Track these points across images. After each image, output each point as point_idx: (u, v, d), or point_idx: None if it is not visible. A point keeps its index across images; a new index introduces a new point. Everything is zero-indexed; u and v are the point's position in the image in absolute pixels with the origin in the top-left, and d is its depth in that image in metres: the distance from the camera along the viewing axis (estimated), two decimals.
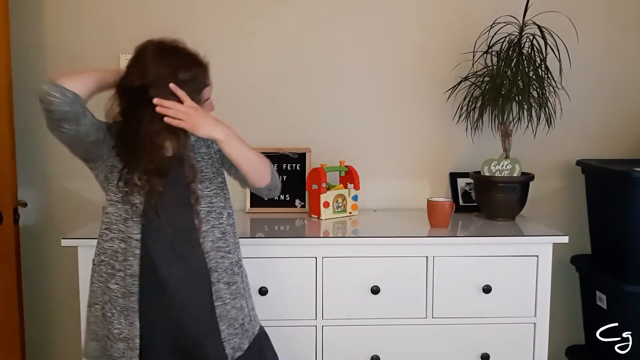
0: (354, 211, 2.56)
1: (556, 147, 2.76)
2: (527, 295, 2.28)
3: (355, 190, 2.55)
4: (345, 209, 2.53)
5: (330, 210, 2.48)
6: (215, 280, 1.72)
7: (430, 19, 2.71)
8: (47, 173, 2.67)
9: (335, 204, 2.50)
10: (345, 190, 2.54)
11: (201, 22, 2.65)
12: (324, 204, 2.46)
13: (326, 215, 2.47)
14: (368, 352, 2.27)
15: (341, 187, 2.54)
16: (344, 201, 2.53)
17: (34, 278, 2.69)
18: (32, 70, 2.62)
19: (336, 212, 2.51)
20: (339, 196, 2.51)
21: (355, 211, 2.56)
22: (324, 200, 2.46)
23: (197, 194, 1.70)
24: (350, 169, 2.56)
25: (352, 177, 2.54)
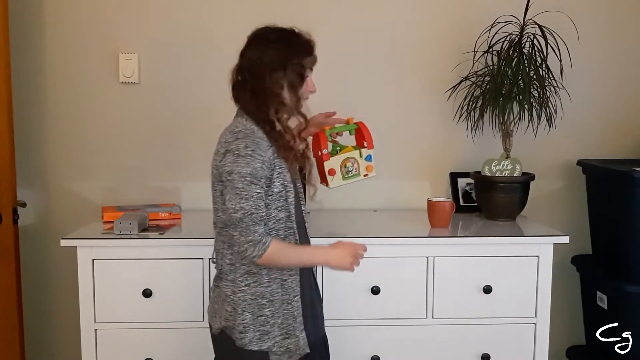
0: (370, 173, 2.19)
1: (557, 147, 2.75)
2: (528, 295, 2.27)
3: (369, 149, 2.18)
4: (358, 172, 2.18)
5: (339, 177, 2.16)
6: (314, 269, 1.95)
7: (430, 18, 2.70)
8: (47, 173, 2.67)
9: (345, 169, 2.16)
10: (355, 152, 2.17)
11: (201, 22, 2.65)
12: (329, 171, 2.13)
13: (335, 183, 2.15)
14: (368, 352, 2.26)
15: (350, 150, 2.17)
16: (355, 164, 2.17)
17: (33, 278, 2.69)
18: (31, 71, 2.62)
19: (347, 177, 2.17)
20: (346, 160, 2.16)
21: (372, 172, 2.19)
22: (329, 167, 2.13)
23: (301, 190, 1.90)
24: (361, 125, 2.18)
25: (363, 135, 2.18)
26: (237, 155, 1.67)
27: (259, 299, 1.76)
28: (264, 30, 1.79)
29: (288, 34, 1.77)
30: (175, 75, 2.65)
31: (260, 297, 1.76)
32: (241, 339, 1.75)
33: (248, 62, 1.76)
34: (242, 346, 1.75)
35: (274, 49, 1.74)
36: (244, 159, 1.67)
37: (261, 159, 1.68)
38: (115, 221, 2.21)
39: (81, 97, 2.64)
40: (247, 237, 1.67)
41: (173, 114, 2.67)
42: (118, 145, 2.67)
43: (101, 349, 2.20)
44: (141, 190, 2.67)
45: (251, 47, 1.78)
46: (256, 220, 1.68)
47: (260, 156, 1.68)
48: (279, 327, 1.77)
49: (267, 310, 1.76)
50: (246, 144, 1.68)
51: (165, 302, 2.19)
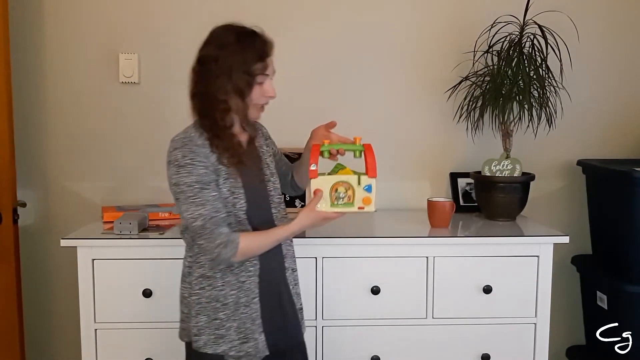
0: (367, 206, 1.79)
1: (557, 147, 2.75)
2: (528, 295, 2.27)
3: (370, 177, 1.78)
4: (352, 202, 1.79)
5: (325, 202, 1.77)
6: (288, 266, 1.85)
7: (430, 18, 2.70)
8: (47, 173, 2.67)
9: (335, 194, 1.78)
10: (352, 176, 1.78)
11: (202, 22, 2.64)
12: (314, 192, 1.77)
13: (320, 207, 1.78)
14: (368, 352, 2.26)
15: (348, 172, 1.79)
16: (349, 191, 1.79)
17: (33, 278, 2.69)
18: (31, 70, 2.62)
19: (336, 205, 1.78)
20: (339, 184, 1.78)
21: (370, 206, 1.80)
22: (315, 187, 1.76)
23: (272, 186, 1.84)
24: (366, 148, 1.83)
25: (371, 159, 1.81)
26: (178, 166, 1.67)
27: (213, 302, 1.73)
28: (221, 30, 1.74)
29: (241, 37, 1.70)
30: (175, 75, 2.63)
31: (214, 301, 1.73)
32: (196, 341, 1.75)
33: (198, 64, 1.73)
34: (197, 349, 1.75)
35: (223, 54, 1.68)
36: (184, 168, 1.66)
37: (203, 164, 1.67)
38: (115, 221, 2.21)
39: (81, 97, 2.64)
40: (214, 242, 1.64)
41: (173, 114, 2.66)
42: (118, 145, 2.67)
43: (101, 349, 2.20)
44: (141, 190, 2.67)
45: (204, 47, 1.73)
46: (218, 222, 1.65)
47: (201, 162, 1.67)
48: (236, 330, 1.73)
49: (222, 314, 1.73)
50: (183, 154, 1.67)
51: (165, 302, 2.19)
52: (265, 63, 1.71)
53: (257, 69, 1.69)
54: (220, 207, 1.67)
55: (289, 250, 1.87)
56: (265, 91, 1.73)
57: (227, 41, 1.69)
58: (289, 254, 1.87)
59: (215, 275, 1.73)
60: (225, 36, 1.71)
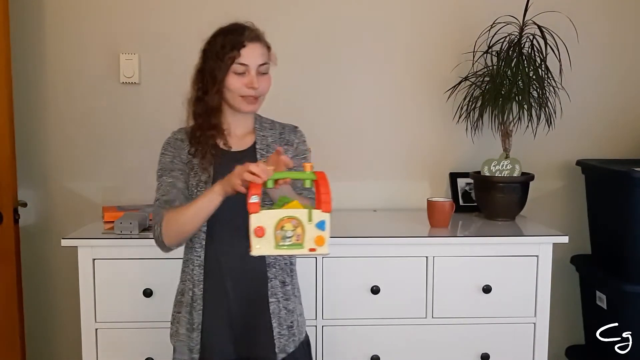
0: (320, 248, 1.49)
1: (556, 147, 2.76)
2: (527, 295, 2.28)
3: (324, 212, 1.49)
4: (301, 243, 1.48)
5: (268, 243, 1.47)
6: (272, 277, 1.73)
7: (430, 18, 2.71)
8: (47, 173, 2.68)
9: (281, 233, 1.47)
10: (302, 211, 1.48)
11: (202, 22, 2.64)
12: (255, 230, 1.46)
13: (260, 250, 1.48)
14: (368, 352, 2.27)
15: (296, 206, 1.49)
16: (298, 229, 1.48)
17: (34, 278, 2.69)
18: (32, 71, 2.62)
19: (281, 246, 1.48)
20: (286, 219, 1.47)
21: (323, 248, 1.50)
22: (256, 225, 1.46)
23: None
24: (319, 176, 1.51)
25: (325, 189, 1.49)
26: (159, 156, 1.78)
27: (179, 296, 1.81)
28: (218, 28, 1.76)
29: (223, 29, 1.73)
30: (175, 75, 2.64)
31: (179, 294, 1.81)
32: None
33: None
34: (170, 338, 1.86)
35: (206, 47, 1.73)
36: (159, 158, 1.77)
37: (171, 154, 1.74)
38: (116, 221, 2.21)
39: (82, 97, 2.65)
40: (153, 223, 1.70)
41: (173, 114, 2.66)
42: (119, 145, 2.67)
43: (101, 349, 2.20)
44: (142, 190, 2.66)
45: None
46: (161, 204, 1.69)
47: (170, 152, 1.75)
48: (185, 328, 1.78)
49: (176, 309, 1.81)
50: (163, 145, 1.78)
51: (165, 302, 2.19)
52: (240, 52, 1.68)
53: (229, 57, 1.67)
54: (171, 190, 1.69)
55: (279, 261, 1.75)
56: (247, 82, 1.68)
57: (212, 35, 1.74)
58: (278, 265, 1.75)
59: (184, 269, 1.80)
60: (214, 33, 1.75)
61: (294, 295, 1.81)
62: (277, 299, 1.74)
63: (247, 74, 1.69)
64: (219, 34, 1.72)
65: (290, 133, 1.83)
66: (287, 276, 1.78)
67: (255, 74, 1.69)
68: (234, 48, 1.67)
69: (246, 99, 1.71)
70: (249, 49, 1.69)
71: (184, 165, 1.72)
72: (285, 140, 1.81)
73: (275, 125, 1.84)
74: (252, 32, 1.72)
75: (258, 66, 1.70)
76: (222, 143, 1.75)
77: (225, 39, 1.69)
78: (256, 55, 1.70)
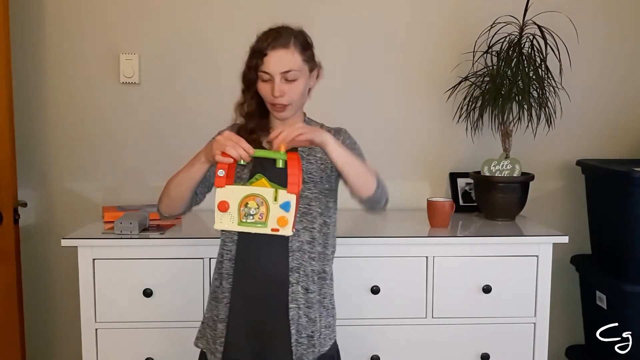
0: (283, 228, 1.51)
1: (556, 147, 2.76)
2: (527, 295, 2.28)
3: (289, 193, 1.49)
4: (264, 221, 1.50)
5: (231, 218, 1.50)
6: (294, 282, 1.70)
7: (430, 18, 2.71)
8: (47, 173, 2.68)
9: (245, 210, 1.50)
10: (268, 190, 1.50)
11: (202, 22, 2.65)
12: (219, 205, 1.50)
13: (222, 225, 1.52)
14: (368, 352, 2.27)
15: (263, 184, 1.52)
16: (262, 208, 1.50)
17: (34, 278, 2.69)
18: (32, 70, 2.62)
19: (244, 223, 1.51)
20: (250, 197, 1.50)
21: (286, 229, 1.51)
22: (220, 199, 1.50)
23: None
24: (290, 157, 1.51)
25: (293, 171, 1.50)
26: None
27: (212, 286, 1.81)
28: None
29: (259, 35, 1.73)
30: (175, 75, 2.66)
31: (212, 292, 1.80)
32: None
33: None
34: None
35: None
36: None
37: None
38: (116, 221, 2.21)
39: (82, 97, 2.65)
40: None
41: (173, 114, 2.68)
42: (118, 145, 2.67)
43: (101, 349, 2.20)
44: (142, 190, 2.67)
45: None
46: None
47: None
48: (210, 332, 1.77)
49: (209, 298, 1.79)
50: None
51: (165, 302, 2.19)
52: (262, 61, 1.66)
53: (254, 66, 1.68)
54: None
55: (304, 267, 1.71)
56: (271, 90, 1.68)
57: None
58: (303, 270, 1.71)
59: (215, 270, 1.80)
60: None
61: (321, 305, 1.76)
62: (297, 305, 1.70)
63: (272, 82, 1.68)
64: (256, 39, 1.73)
65: (335, 135, 1.79)
66: (313, 284, 1.73)
67: (280, 81, 1.67)
68: (256, 57, 1.67)
69: (274, 107, 1.71)
70: (271, 57, 1.66)
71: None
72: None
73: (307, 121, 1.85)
74: (278, 39, 1.68)
75: (281, 74, 1.67)
76: (265, 142, 1.75)
77: (254, 46, 1.70)
78: (279, 63, 1.66)
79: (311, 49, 1.76)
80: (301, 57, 1.70)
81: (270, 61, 1.66)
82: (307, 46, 1.74)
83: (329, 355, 1.78)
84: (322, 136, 1.57)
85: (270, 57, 1.66)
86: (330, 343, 1.80)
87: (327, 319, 1.78)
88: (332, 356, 1.81)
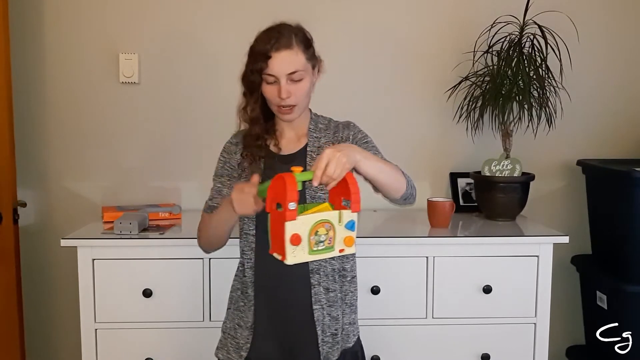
0: (348, 248, 1.49)
1: (557, 147, 2.75)
2: (528, 295, 2.27)
3: (352, 212, 1.47)
4: (332, 245, 1.46)
5: (303, 249, 1.43)
6: (316, 283, 1.69)
7: (430, 18, 2.70)
8: (47, 173, 2.67)
9: (315, 238, 1.44)
10: (332, 213, 1.46)
11: (202, 22, 2.65)
12: (291, 238, 1.41)
13: (296, 258, 1.43)
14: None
15: (326, 208, 1.47)
16: (330, 232, 1.46)
17: (33, 278, 2.69)
18: (31, 70, 2.62)
19: (315, 251, 1.45)
20: (320, 224, 1.44)
21: (352, 248, 1.49)
22: (292, 232, 1.40)
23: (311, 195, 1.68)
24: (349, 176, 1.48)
25: (348, 190, 1.46)
26: None
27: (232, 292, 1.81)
28: None
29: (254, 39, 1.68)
30: (175, 75, 2.65)
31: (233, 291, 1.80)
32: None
33: None
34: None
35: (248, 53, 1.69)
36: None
37: (224, 159, 1.78)
38: (116, 221, 2.21)
39: (81, 97, 2.64)
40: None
41: (173, 114, 2.67)
42: (118, 145, 2.67)
43: (101, 349, 2.20)
44: (141, 190, 2.67)
45: None
46: (206, 209, 1.77)
47: (223, 158, 1.78)
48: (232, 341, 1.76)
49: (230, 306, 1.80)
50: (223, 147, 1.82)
51: (165, 302, 2.19)
52: (267, 63, 1.62)
53: (257, 70, 1.63)
54: (216, 198, 1.75)
55: (324, 267, 1.70)
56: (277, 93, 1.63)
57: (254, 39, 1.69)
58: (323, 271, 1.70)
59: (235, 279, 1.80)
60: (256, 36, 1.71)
61: (344, 302, 1.75)
62: (321, 305, 1.70)
63: (277, 84, 1.64)
64: (255, 40, 1.67)
65: (344, 129, 1.79)
66: (334, 283, 1.72)
67: (287, 83, 1.63)
68: (260, 60, 1.62)
69: (280, 109, 1.67)
70: (275, 59, 1.62)
71: (232, 170, 1.75)
72: (339, 138, 1.77)
73: (330, 125, 1.81)
74: (280, 40, 1.63)
75: (287, 75, 1.63)
76: (272, 144, 1.74)
77: (253, 49, 1.65)
78: (284, 64, 1.62)
79: (312, 46, 1.72)
80: (304, 56, 1.66)
81: (275, 63, 1.62)
82: (308, 43, 1.70)
83: (352, 350, 1.79)
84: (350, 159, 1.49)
85: (275, 59, 1.62)
86: (354, 339, 1.80)
87: (350, 315, 1.77)
88: (356, 352, 1.81)
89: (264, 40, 1.63)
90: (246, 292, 1.72)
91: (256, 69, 1.63)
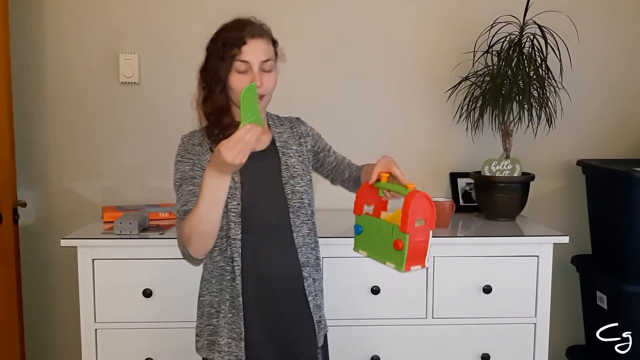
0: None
1: (557, 147, 2.75)
2: (528, 295, 2.27)
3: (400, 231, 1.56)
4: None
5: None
6: (307, 276, 1.72)
7: (430, 18, 2.71)
8: (47, 173, 2.67)
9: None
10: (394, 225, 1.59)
11: (201, 22, 2.64)
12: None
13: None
14: (368, 352, 2.26)
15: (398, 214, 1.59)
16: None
17: (33, 278, 2.69)
18: (31, 70, 2.62)
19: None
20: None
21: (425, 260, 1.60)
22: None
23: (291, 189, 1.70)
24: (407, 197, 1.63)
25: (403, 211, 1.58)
26: (174, 164, 1.70)
27: (208, 307, 1.71)
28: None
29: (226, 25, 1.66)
30: (175, 75, 2.65)
31: (209, 306, 1.71)
32: (196, 342, 1.75)
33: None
34: (197, 350, 1.75)
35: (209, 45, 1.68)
36: (175, 166, 1.68)
37: (190, 161, 1.66)
38: (116, 221, 2.21)
39: (81, 97, 2.65)
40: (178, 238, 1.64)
41: (173, 114, 2.67)
42: (118, 145, 2.67)
43: (101, 349, 2.20)
44: (141, 190, 2.67)
45: None
46: (181, 216, 1.62)
47: (188, 159, 1.66)
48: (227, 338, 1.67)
49: (215, 320, 1.69)
50: (178, 151, 1.70)
51: (165, 302, 2.19)
52: (240, 50, 1.59)
53: (230, 55, 1.60)
54: (192, 200, 1.60)
55: (310, 259, 1.74)
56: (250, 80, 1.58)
57: (215, 32, 1.67)
58: (310, 263, 1.74)
59: (211, 280, 1.71)
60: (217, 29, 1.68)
61: (321, 290, 1.81)
62: (313, 297, 1.74)
63: (250, 72, 1.61)
64: (221, 31, 1.66)
65: (300, 125, 1.83)
66: (316, 273, 1.77)
67: (259, 72, 1.61)
68: (234, 45, 1.60)
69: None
70: (250, 46, 1.60)
71: (202, 170, 1.62)
72: (299, 133, 1.80)
73: (283, 121, 1.82)
74: (254, 28, 1.64)
75: (260, 63, 1.62)
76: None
77: (226, 36, 1.63)
78: (258, 52, 1.62)
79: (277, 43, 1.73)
80: (273, 49, 1.69)
81: (249, 50, 1.60)
82: (274, 39, 1.72)
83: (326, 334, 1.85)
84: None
85: (249, 46, 1.60)
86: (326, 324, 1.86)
87: (322, 300, 1.83)
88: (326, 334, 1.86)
89: (237, 28, 1.63)
90: (234, 302, 1.66)
91: (229, 55, 1.60)
